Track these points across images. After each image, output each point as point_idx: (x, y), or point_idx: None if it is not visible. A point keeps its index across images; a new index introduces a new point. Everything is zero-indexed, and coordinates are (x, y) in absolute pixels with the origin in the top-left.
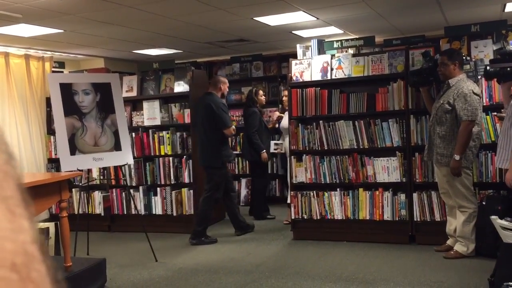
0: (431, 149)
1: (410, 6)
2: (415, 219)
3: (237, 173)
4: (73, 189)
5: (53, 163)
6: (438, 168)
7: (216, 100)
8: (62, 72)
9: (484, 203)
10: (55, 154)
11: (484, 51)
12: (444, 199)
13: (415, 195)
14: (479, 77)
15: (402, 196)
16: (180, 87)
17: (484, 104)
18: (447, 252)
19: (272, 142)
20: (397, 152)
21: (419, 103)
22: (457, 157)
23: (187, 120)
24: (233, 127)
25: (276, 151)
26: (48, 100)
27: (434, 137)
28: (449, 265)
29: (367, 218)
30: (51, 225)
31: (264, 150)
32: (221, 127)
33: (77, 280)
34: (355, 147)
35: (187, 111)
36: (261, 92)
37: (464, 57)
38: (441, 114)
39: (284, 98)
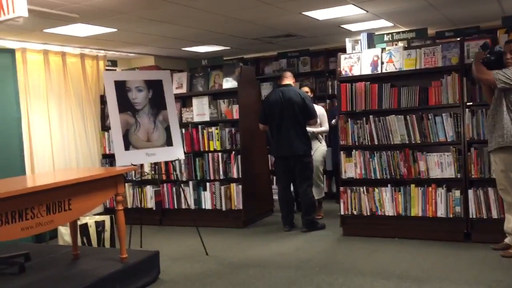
0: (489, 138)
1: None
2: (470, 216)
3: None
4: (126, 184)
5: (107, 159)
6: (495, 160)
7: (303, 92)
8: (115, 70)
9: None
10: (109, 150)
11: None
12: (502, 195)
13: (470, 192)
14: None
15: (457, 193)
16: (229, 83)
17: None
18: (505, 251)
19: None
20: (451, 147)
21: (475, 96)
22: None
23: (236, 116)
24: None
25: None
26: (102, 98)
27: (491, 122)
28: (507, 264)
29: (420, 214)
30: (106, 218)
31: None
32: (311, 118)
33: (133, 271)
34: (407, 142)
35: (236, 107)
36: (306, 88)
37: None
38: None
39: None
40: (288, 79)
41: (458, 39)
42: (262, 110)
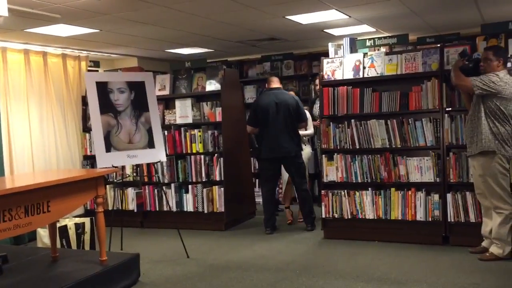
0: (468, 142)
1: (445, 3)
2: (448, 220)
3: None
4: (107, 186)
5: (88, 160)
6: (474, 165)
7: (295, 96)
8: (97, 71)
9: None
10: (90, 151)
11: None
12: (480, 199)
13: (449, 196)
14: None
15: (436, 197)
16: (212, 86)
17: None
18: (482, 254)
19: None
20: (430, 151)
21: (454, 102)
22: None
23: (219, 118)
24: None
25: None
26: (83, 99)
27: (470, 127)
28: (484, 267)
29: (399, 218)
30: (86, 220)
31: None
32: (303, 120)
33: (112, 274)
34: (387, 146)
35: (219, 110)
36: (292, 92)
37: (510, 56)
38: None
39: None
40: (277, 83)
41: (438, 45)
42: (252, 113)
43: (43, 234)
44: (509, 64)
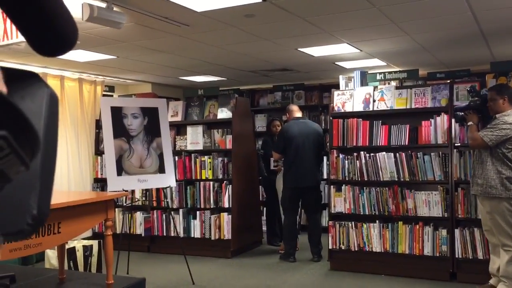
0: (472, 182)
1: (456, 40)
2: (456, 256)
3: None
4: (116, 209)
5: (99, 183)
6: (481, 202)
7: (320, 127)
8: (112, 95)
9: None
10: (101, 174)
11: None
12: (488, 236)
13: (457, 231)
14: None
15: (444, 232)
16: (223, 113)
17: None
18: None
19: (272, 159)
20: (438, 186)
21: (463, 137)
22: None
23: (229, 146)
24: None
25: (276, 168)
26: (97, 122)
27: (477, 167)
28: None
29: (407, 252)
30: (94, 243)
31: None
32: (323, 150)
33: None
34: (396, 179)
35: (229, 137)
36: (276, 122)
37: None
38: None
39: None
40: (300, 112)
41: (448, 81)
42: (281, 141)
43: (51, 255)
44: None
